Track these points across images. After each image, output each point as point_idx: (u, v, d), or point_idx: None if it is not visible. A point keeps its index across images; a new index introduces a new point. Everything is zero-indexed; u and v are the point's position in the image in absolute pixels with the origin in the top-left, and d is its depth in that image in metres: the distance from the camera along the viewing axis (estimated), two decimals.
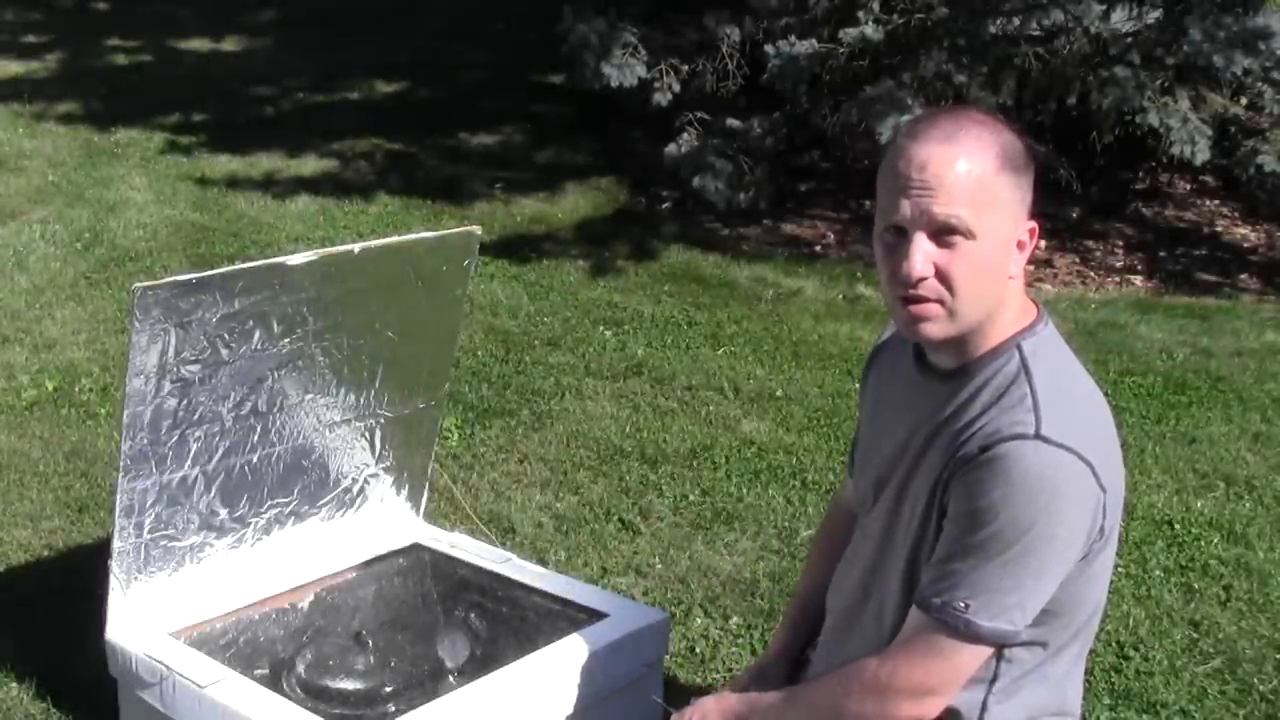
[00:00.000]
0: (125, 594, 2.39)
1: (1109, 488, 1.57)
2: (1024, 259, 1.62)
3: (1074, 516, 1.53)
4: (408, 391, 2.68)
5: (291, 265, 2.25)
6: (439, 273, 2.50)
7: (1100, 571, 1.65)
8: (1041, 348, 1.63)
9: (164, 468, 2.33)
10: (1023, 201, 1.60)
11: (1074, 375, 1.66)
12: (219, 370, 2.30)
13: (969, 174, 1.54)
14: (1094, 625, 1.72)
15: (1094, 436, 1.58)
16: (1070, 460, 1.52)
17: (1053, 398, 1.57)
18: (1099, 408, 1.65)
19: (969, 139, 1.56)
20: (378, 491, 2.75)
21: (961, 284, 1.57)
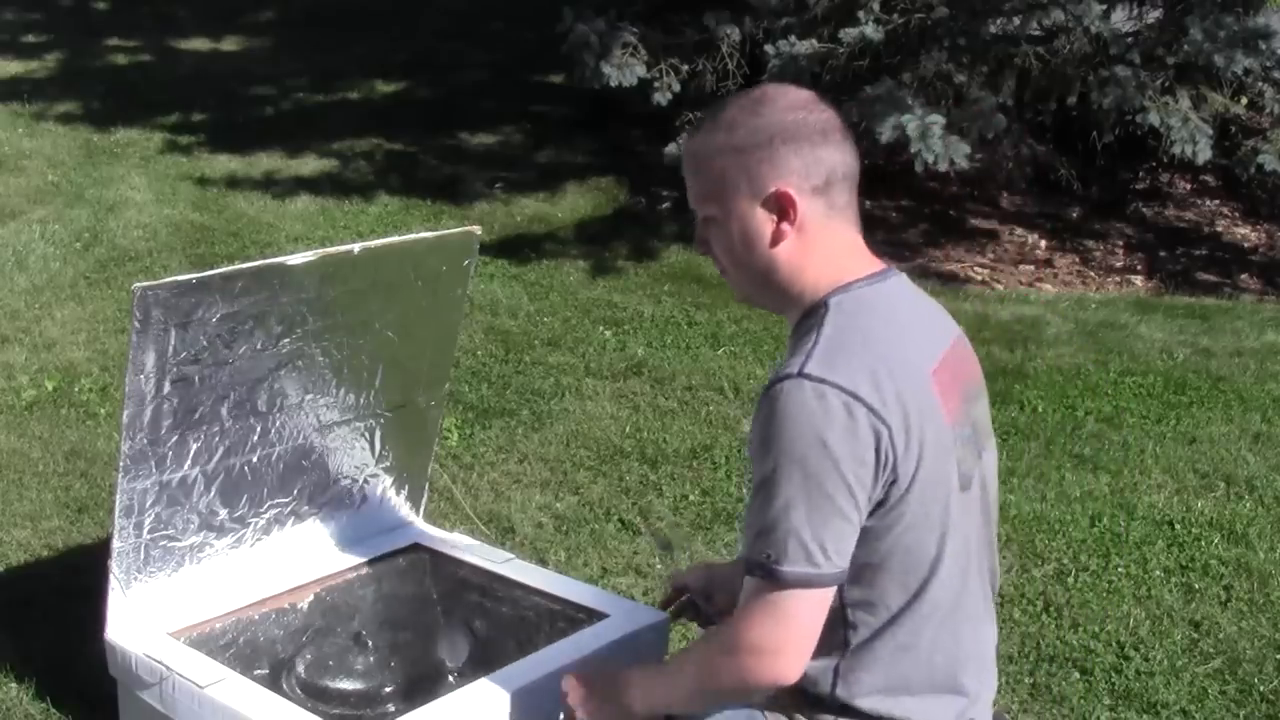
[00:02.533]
0: (125, 594, 2.38)
1: (892, 425, 1.54)
2: (791, 222, 1.64)
3: (840, 449, 1.52)
4: (408, 391, 2.68)
5: (291, 265, 2.25)
6: (439, 273, 2.50)
7: (917, 523, 1.60)
8: (851, 302, 1.64)
9: (164, 468, 2.32)
10: (757, 169, 1.63)
11: (878, 325, 1.63)
12: (219, 370, 2.29)
13: (694, 164, 1.69)
14: (941, 590, 1.65)
15: (875, 376, 1.55)
16: (833, 393, 1.52)
17: (834, 342, 1.58)
18: (898, 356, 1.61)
19: (703, 126, 1.69)
20: (378, 491, 2.75)
21: (722, 257, 1.70)
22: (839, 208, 1.68)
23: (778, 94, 1.69)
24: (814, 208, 1.65)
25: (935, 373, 1.64)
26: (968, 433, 1.70)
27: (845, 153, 1.67)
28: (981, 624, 1.77)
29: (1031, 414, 4.36)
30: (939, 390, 1.62)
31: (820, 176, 1.64)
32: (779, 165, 1.63)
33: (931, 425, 1.59)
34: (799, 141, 1.63)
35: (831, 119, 1.67)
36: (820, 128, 1.65)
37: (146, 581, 2.42)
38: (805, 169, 1.63)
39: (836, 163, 1.65)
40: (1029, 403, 4.44)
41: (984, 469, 1.75)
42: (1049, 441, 4.14)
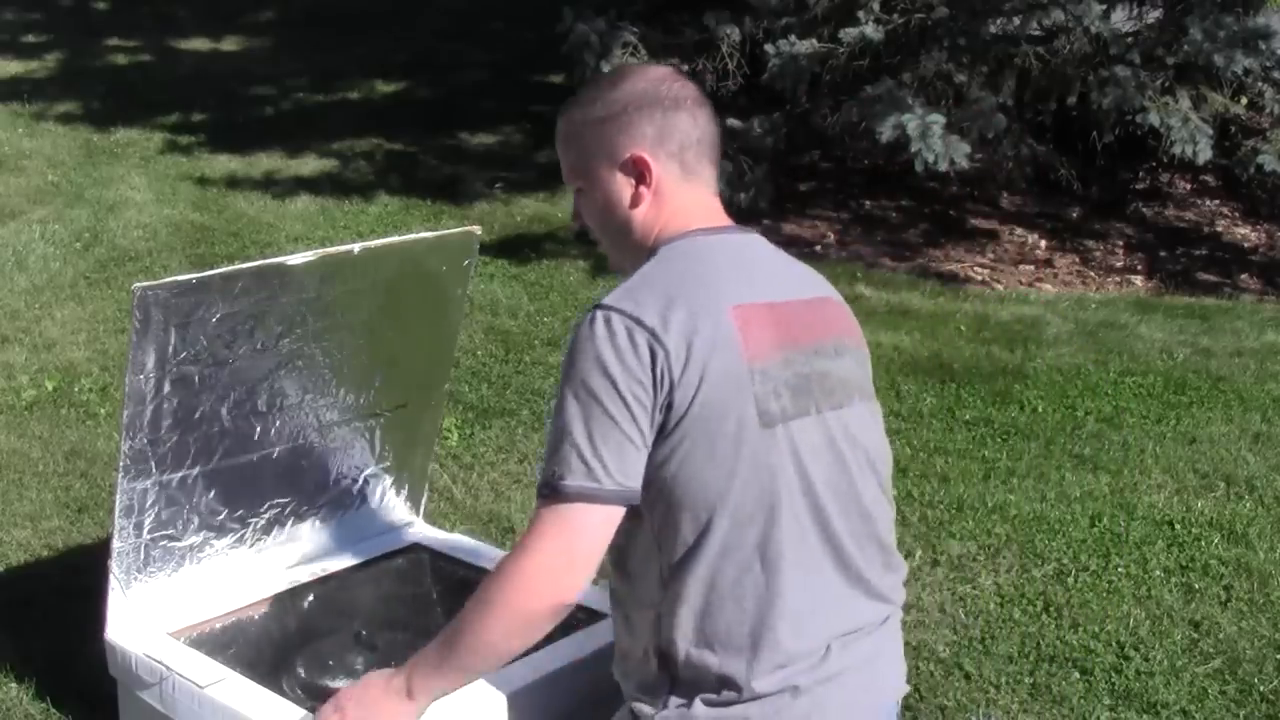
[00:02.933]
0: (125, 594, 2.38)
1: (670, 349, 1.58)
2: (647, 185, 1.73)
3: (617, 368, 1.58)
4: (408, 391, 2.67)
5: (291, 265, 2.25)
6: (439, 273, 2.50)
7: (699, 454, 1.59)
8: (676, 248, 1.72)
9: (164, 468, 2.32)
10: (614, 138, 1.74)
11: (688, 265, 1.70)
12: (219, 370, 2.29)
13: (562, 140, 1.80)
14: (739, 531, 1.62)
15: (664, 305, 1.61)
16: (617, 318, 1.60)
17: (639, 278, 1.68)
18: (699, 291, 1.65)
19: (566, 105, 1.80)
20: (378, 491, 2.75)
21: (591, 223, 1.81)
22: (694, 172, 1.76)
23: (635, 70, 1.80)
24: (669, 171, 1.74)
25: (740, 309, 1.66)
26: (788, 377, 1.68)
27: (699, 120, 1.77)
28: (823, 579, 1.70)
29: (1031, 414, 4.36)
30: (740, 326, 1.64)
31: (674, 142, 1.74)
32: (633, 132, 1.73)
33: (721, 358, 1.61)
34: (651, 109, 1.73)
35: (685, 89, 1.77)
36: (673, 97, 1.75)
37: (146, 581, 2.43)
38: (659, 135, 1.73)
39: (688, 129, 1.75)
40: (1029, 403, 4.44)
41: (841, 422, 1.73)
42: (1049, 441, 4.15)
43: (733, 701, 1.64)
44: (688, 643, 1.65)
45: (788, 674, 1.65)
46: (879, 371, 4.84)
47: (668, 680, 1.68)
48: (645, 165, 1.73)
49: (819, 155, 7.12)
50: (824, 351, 1.75)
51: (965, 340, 5.03)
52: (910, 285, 5.68)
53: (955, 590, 3.30)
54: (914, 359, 4.80)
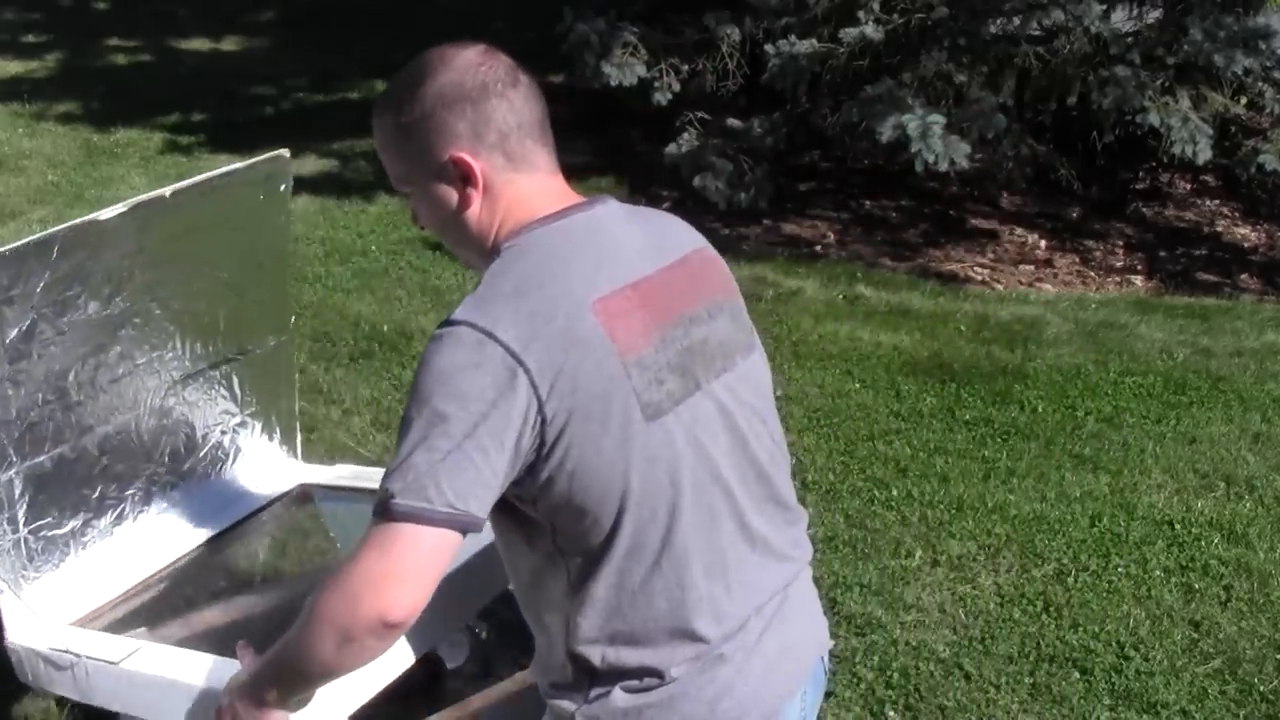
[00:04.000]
0: (17, 595, 2.26)
1: (530, 364, 1.49)
2: (474, 185, 1.63)
3: (467, 387, 1.48)
4: (255, 330, 2.58)
5: (104, 219, 2.16)
6: (257, 203, 2.41)
7: (587, 459, 1.53)
8: (520, 246, 1.61)
9: (23, 455, 2.22)
10: (426, 142, 1.63)
11: (538, 263, 1.59)
12: (58, 341, 2.19)
13: (379, 146, 1.69)
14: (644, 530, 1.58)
15: (518, 314, 1.52)
16: (467, 332, 1.50)
17: (486, 287, 1.57)
18: (554, 292, 1.55)
19: (375, 108, 1.68)
20: (250, 440, 2.65)
21: (429, 226, 1.71)
22: (520, 157, 1.65)
23: (439, 60, 1.65)
24: (492, 165, 1.63)
25: (603, 302, 1.56)
26: (669, 358, 1.61)
27: (515, 101, 1.65)
28: (735, 557, 1.67)
29: (1031, 414, 4.36)
30: (606, 321, 1.55)
31: (492, 133, 1.63)
32: (445, 132, 1.62)
33: (591, 360, 1.53)
34: (461, 104, 1.62)
35: (494, 72, 1.64)
36: (481, 84, 1.63)
37: (35, 578, 2.32)
38: (473, 129, 1.62)
39: (505, 116, 1.63)
40: (1029, 403, 4.44)
41: (727, 387, 1.67)
42: (1049, 441, 4.14)
43: (654, 687, 1.62)
44: (603, 644, 1.61)
45: (708, 650, 1.63)
46: (879, 371, 4.87)
47: (586, 677, 1.64)
48: (466, 165, 1.62)
49: (819, 155, 7.11)
50: (698, 318, 1.67)
51: (965, 340, 5.03)
52: (910, 285, 5.68)
53: (955, 590, 3.30)
54: (914, 359, 4.80)
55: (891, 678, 2.99)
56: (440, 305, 5.24)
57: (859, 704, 2.90)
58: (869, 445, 4.10)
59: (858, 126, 5.74)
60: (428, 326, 4.99)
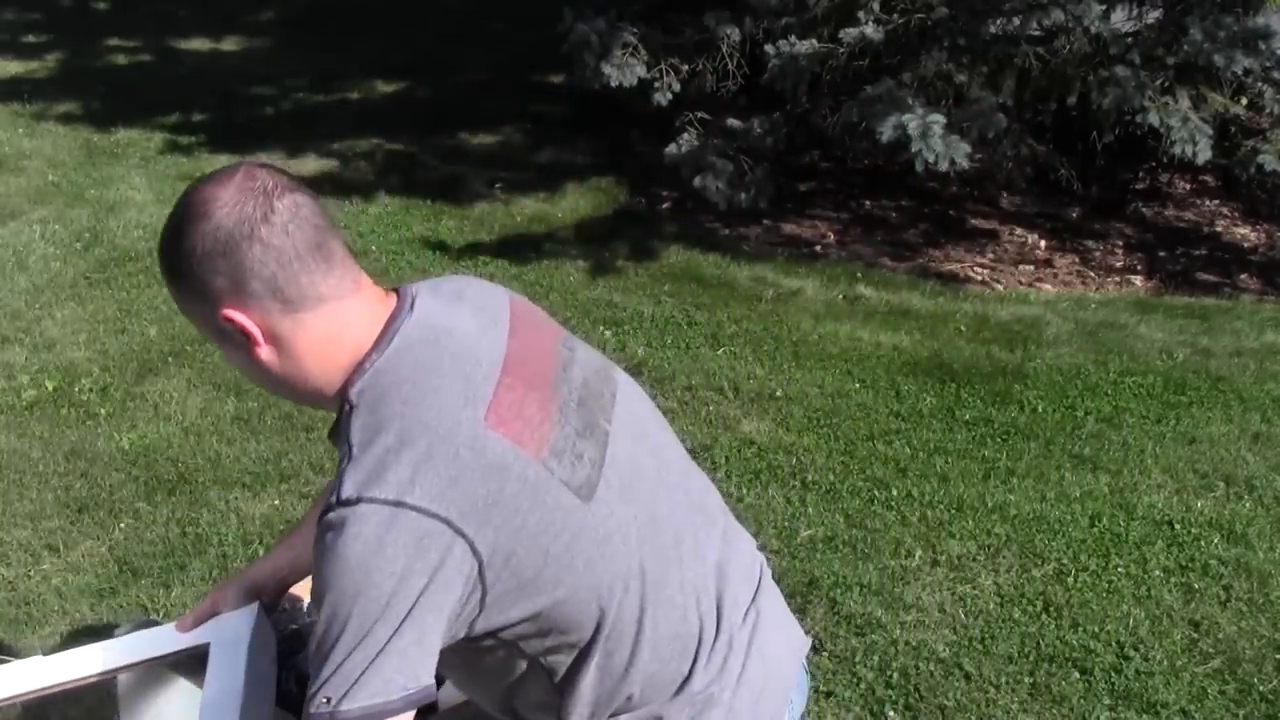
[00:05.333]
0: None
1: (451, 516, 1.37)
2: (254, 340, 1.48)
3: (389, 567, 1.35)
4: None
5: None
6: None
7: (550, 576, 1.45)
8: (372, 387, 1.46)
9: None
10: (196, 302, 1.49)
11: (408, 399, 1.44)
12: None
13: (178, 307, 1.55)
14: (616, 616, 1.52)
15: (418, 469, 1.38)
16: (371, 510, 1.35)
17: (364, 449, 1.40)
18: (442, 426, 1.41)
19: (162, 272, 1.53)
20: None
21: (243, 374, 1.57)
22: (299, 296, 1.47)
23: (193, 204, 1.47)
24: (268, 314, 1.47)
25: (491, 411, 1.44)
26: (575, 425, 1.53)
27: (274, 239, 1.45)
28: (705, 595, 1.63)
29: (1031, 414, 4.36)
30: (506, 431, 1.44)
31: (252, 281, 1.45)
32: (207, 293, 1.46)
33: (511, 479, 1.42)
34: (214, 259, 1.45)
35: (244, 210, 1.44)
36: (229, 234, 1.44)
37: None
38: (233, 283, 1.45)
39: (264, 258, 1.45)
40: (1029, 403, 4.44)
41: (625, 412, 1.61)
42: (1049, 441, 4.15)
43: None
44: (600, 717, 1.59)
45: (698, 695, 1.62)
46: (879, 371, 4.87)
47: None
48: (236, 323, 1.47)
49: (819, 155, 7.11)
50: (567, 361, 1.59)
51: (965, 340, 5.03)
52: (910, 285, 5.68)
53: (955, 590, 3.30)
54: (914, 359, 4.80)
55: (891, 678, 2.99)
56: None
57: (859, 704, 2.90)
58: (869, 445, 4.10)
59: (858, 126, 5.74)
60: None
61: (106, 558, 3.37)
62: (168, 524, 3.54)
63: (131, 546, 3.42)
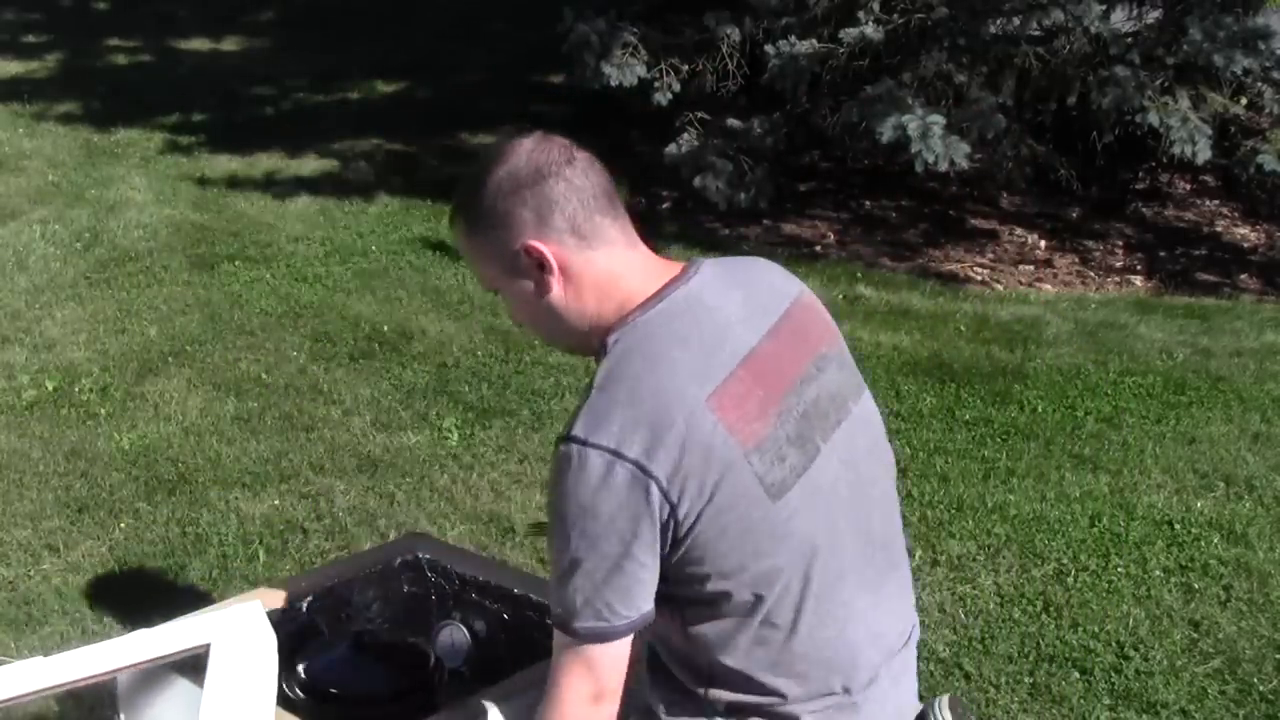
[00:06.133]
0: None
1: (659, 474, 1.53)
2: (550, 271, 1.64)
3: (608, 508, 1.54)
4: None
5: None
6: None
7: (722, 551, 1.59)
8: (628, 337, 1.63)
9: None
10: (496, 237, 1.66)
11: (650, 361, 1.60)
12: None
13: (461, 253, 1.75)
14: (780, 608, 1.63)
15: (638, 426, 1.54)
16: (595, 454, 1.53)
17: (601, 395, 1.58)
18: (668, 394, 1.57)
19: (450, 217, 1.73)
20: None
21: (523, 323, 1.75)
22: (593, 235, 1.64)
23: (492, 156, 1.68)
24: (565, 247, 1.64)
25: (717, 395, 1.58)
26: (787, 433, 1.63)
27: (572, 180, 1.64)
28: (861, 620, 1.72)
29: (1031, 414, 4.36)
30: (722, 416, 1.58)
31: (557, 215, 1.63)
32: (512, 224, 1.64)
33: (714, 459, 1.56)
34: (520, 192, 1.63)
35: (547, 155, 1.65)
36: (535, 169, 1.63)
37: None
38: (537, 215, 1.63)
39: (567, 194, 1.63)
40: (1029, 403, 4.44)
41: (846, 438, 1.71)
42: (1049, 441, 4.15)
43: None
44: (740, 692, 1.67)
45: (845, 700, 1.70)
46: (879, 371, 4.86)
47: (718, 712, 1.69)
48: (537, 252, 1.63)
49: (819, 155, 7.12)
50: (809, 377, 1.69)
51: (965, 340, 5.03)
52: (910, 285, 5.68)
53: (955, 590, 3.30)
54: (914, 359, 4.80)
55: None
56: (440, 305, 5.24)
57: None
58: None
59: (858, 126, 5.74)
60: (428, 326, 5.00)
61: (106, 558, 3.37)
62: (168, 524, 3.54)
63: (131, 546, 3.42)
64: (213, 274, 5.51)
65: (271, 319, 5.05)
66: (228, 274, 5.52)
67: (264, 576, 3.24)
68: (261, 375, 4.52)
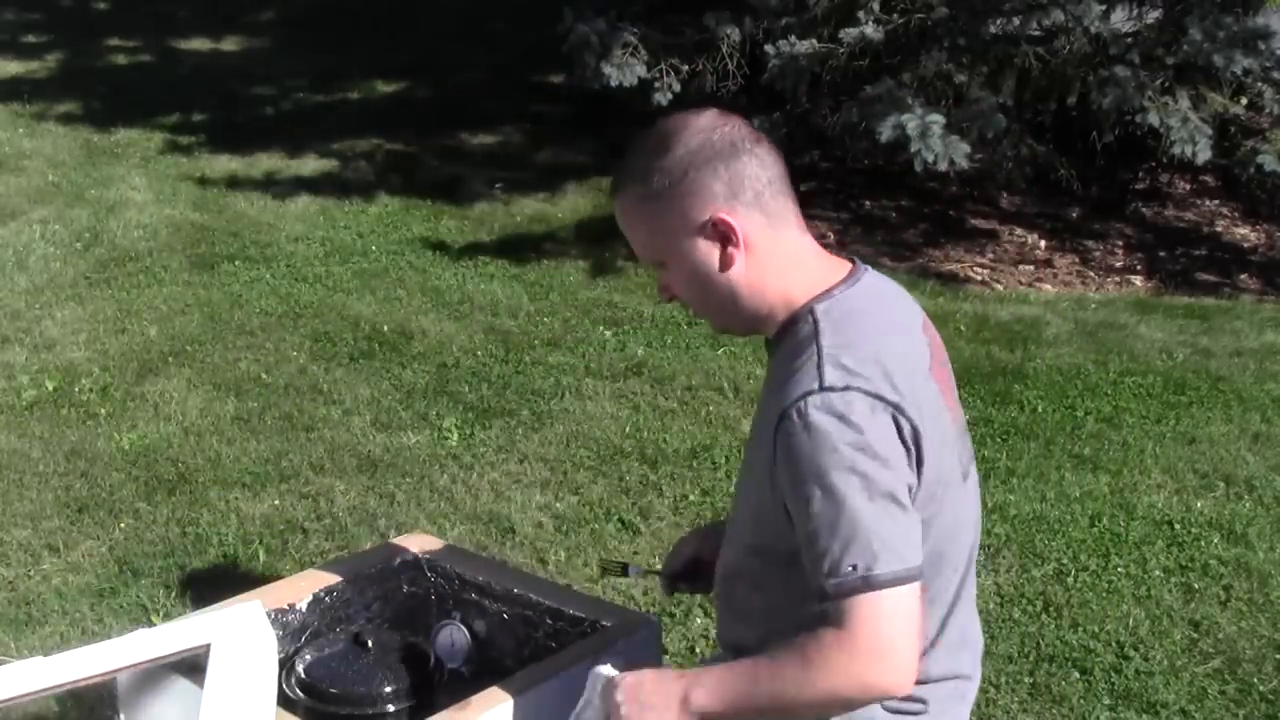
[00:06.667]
0: None
1: (914, 419, 1.56)
2: (736, 244, 1.63)
3: (882, 448, 1.53)
4: None
5: None
6: None
7: (931, 519, 1.60)
8: (837, 308, 1.64)
9: None
10: (680, 206, 1.63)
11: (871, 327, 1.64)
12: None
13: (625, 221, 1.70)
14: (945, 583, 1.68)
15: (888, 375, 1.56)
16: (857, 396, 1.53)
17: (838, 349, 1.58)
18: (899, 354, 1.62)
19: (618, 184, 1.69)
20: None
21: (686, 296, 1.70)
22: (777, 214, 1.66)
23: (681, 125, 1.65)
24: (752, 222, 1.63)
25: (932, 368, 1.66)
26: (963, 422, 1.73)
27: (763, 158, 1.65)
28: (975, 614, 1.81)
29: (1031, 414, 4.36)
30: (941, 388, 1.65)
31: (747, 190, 1.63)
32: (702, 194, 1.62)
33: (937, 421, 1.60)
34: (713, 164, 1.62)
35: (736, 131, 1.64)
36: (729, 143, 1.63)
37: None
38: (729, 189, 1.62)
39: (756, 172, 1.64)
40: (1029, 403, 4.44)
41: (971, 455, 1.78)
42: (1049, 441, 4.15)
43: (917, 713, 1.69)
44: None
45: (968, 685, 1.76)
46: None
47: None
48: (727, 225, 1.62)
49: (819, 155, 7.12)
50: (955, 384, 1.77)
51: (965, 340, 5.03)
52: (910, 285, 5.68)
53: None
54: None
55: None
56: (440, 305, 5.24)
57: None
58: None
59: (858, 126, 5.74)
60: (428, 326, 5.00)
61: (106, 558, 3.37)
62: (168, 524, 3.54)
63: (131, 546, 3.42)
64: (213, 274, 5.51)
65: (271, 319, 5.05)
66: (228, 274, 5.52)
67: (264, 576, 3.23)
68: (261, 375, 4.52)
